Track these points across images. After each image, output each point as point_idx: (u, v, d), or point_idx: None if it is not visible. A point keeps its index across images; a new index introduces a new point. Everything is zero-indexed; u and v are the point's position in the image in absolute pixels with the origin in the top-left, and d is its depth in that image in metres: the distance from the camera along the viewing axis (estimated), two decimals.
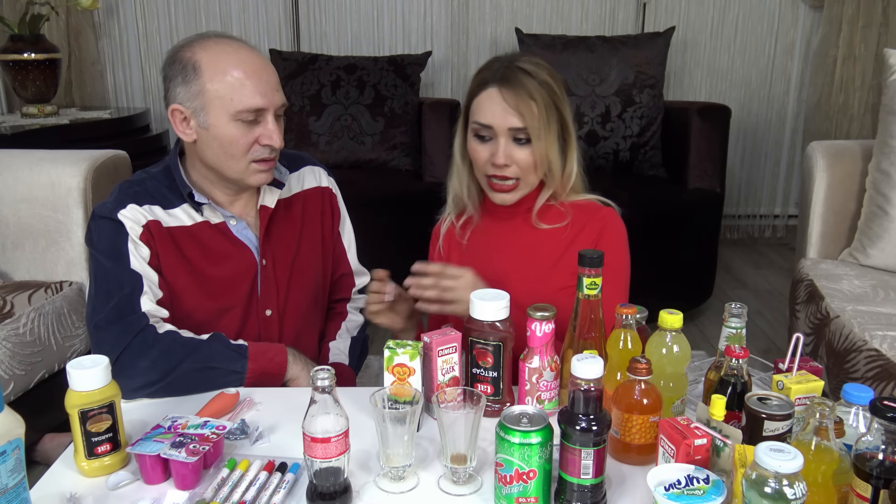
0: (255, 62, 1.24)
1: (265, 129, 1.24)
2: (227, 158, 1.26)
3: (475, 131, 1.33)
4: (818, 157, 2.20)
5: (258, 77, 1.23)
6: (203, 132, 1.25)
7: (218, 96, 1.22)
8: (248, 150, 1.25)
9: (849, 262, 2.10)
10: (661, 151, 3.20)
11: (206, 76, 1.22)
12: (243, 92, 1.21)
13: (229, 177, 1.29)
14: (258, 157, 1.26)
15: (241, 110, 1.22)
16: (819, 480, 0.85)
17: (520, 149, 1.30)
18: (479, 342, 1.11)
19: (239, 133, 1.23)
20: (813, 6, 3.80)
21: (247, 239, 1.35)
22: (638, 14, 3.78)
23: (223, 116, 1.22)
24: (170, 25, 3.72)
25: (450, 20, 3.76)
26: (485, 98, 1.30)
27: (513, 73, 1.28)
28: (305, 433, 0.91)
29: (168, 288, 1.28)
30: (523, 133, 1.28)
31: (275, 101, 1.25)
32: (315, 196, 1.46)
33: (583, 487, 0.91)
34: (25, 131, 2.71)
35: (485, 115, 1.30)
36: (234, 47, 1.25)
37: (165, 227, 1.29)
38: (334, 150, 3.14)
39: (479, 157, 1.33)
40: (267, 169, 1.29)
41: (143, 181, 1.32)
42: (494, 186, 1.33)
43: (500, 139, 1.29)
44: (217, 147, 1.25)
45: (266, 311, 1.37)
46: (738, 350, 1.02)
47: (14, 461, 0.80)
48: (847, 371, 1.67)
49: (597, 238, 1.36)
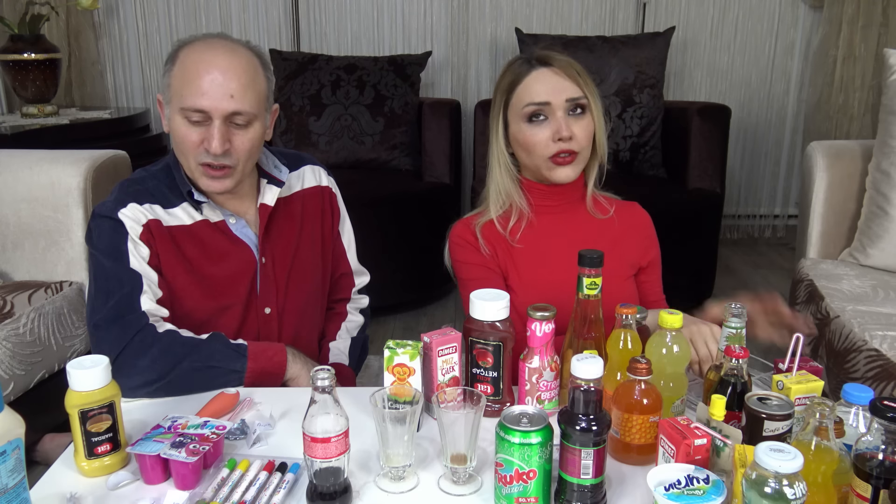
0: (221, 64, 1.20)
1: (208, 132, 1.22)
2: (181, 154, 1.27)
3: (528, 115, 1.32)
4: (818, 157, 2.20)
5: (212, 79, 1.19)
6: (168, 124, 1.27)
7: (175, 90, 1.23)
8: (195, 150, 1.23)
9: (849, 262, 2.10)
10: (661, 151, 3.20)
11: (176, 69, 1.23)
12: (190, 89, 1.20)
13: (190, 176, 1.29)
14: (202, 161, 1.24)
15: (185, 108, 1.21)
16: (819, 480, 0.85)
17: (576, 121, 1.32)
18: (479, 342, 1.11)
19: (185, 131, 1.22)
20: (813, 6, 3.80)
21: (246, 237, 1.35)
22: (638, 14, 3.78)
23: (176, 111, 1.23)
24: (170, 25, 3.72)
25: (450, 20, 3.76)
26: (533, 80, 1.33)
27: (551, 55, 1.33)
28: (305, 433, 0.91)
29: (168, 287, 1.28)
30: (580, 103, 1.31)
31: (221, 107, 1.20)
32: (315, 195, 1.46)
33: (583, 487, 0.91)
34: (25, 131, 2.72)
35: (539, 94, 1.31)
36: (214, 47, 1.23)
37: (165, 227, 1.29)
38: (334, 150, 3.14)
39: (537, 139, 1.31)
40: (212, 176, 1.25)
41: (144, 180, 1.32)
42: (560, 161, 1.32)
43: (558, 113, 1.31)
44: (174, 142, 1.27)
45: (265, 310, 1.37)
46: (738, 350, 1.02)
47: (14, 461, 0.80)
48: (847, 371, 1.67)
49: (644, 232, 1.44)
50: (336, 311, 1.55)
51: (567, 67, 1.32)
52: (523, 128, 1.33)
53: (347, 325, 1.53)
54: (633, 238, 1.41)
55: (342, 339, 1.50)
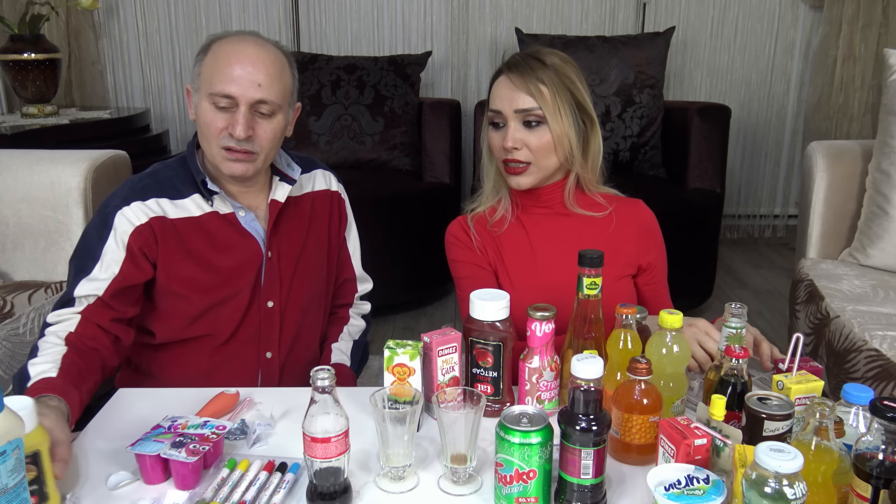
0: (251, 55, 1.26)
1: (234, 118, 1.26)
2: (204, 140, 1.30)
3: (490, 120, 1.36)
4: (818, 157, 2.20)
5: (241, 67, 1.25)
6: (195, 111, 1.31)
7: (204, 77, 1.27)
8: (219, 135, 1.27)
9: (849, 262, 2.10)
10: (661, 151, 3.20)
11: (208, 58, 1.28)
12: (220, 76, 1.25)
13: (211, 161, 1.32)
14: (225, 145, 1.28)
15: (214, 93, 1.25)
16: (819, 480, 0.85)
17: (530, 132, 1.31)
18: (479, 342, 1.11)
19: (212, 116, 1.27)
20: (813, 6, 3.80)
21: (254, 230, 1.36)
22: (638, 14, 3.78)
23: (204, 97, 1.27)
24: (170, 25, 3.72)
25: (450, 20, 3.76)
26: (496, 87, 1.35)
27: (521, 60, 1.33)
28: (305, 433, 0.91)
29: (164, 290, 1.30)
30: (532, 115, 1.31)
31: (248, 94, 1.25)
32: (324, 198, 1.48)
33: (583, 487, 0.91)
34: (25, 131, 2.71)
35: (494, 102, 1.34)
36: (245, 41, 1.29)
37: (170, 220, 1.30)
38: (334, 150, 3.14)
39: (494, 144, 1.36)
40: (237, 160, 1.29)
41: (156, 172, 1.36)
42: (508, 170, 1.35)
43: (510, 123, 1.32)
44: (199, 127, 1.31)
45: (268, 303, 1.38)
46: (738, 350, 1.02)
47: (14, 461, 0.80)
48: (847, 371, 1.67)
49: (645, 231, 1.41)
50: (339, 316, 1.56)
51: (525, 76, 1.30)
52: (488, 131, 1.37)
53: (349, 329, 1.54)
54: (630, 236, 1.39)
55: (344, 341, 1.51)
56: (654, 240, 1.43)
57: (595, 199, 1.41)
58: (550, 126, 1.31)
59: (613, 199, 1.42)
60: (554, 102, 1.30)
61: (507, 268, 1.39)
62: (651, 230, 1.43)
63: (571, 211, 1.39)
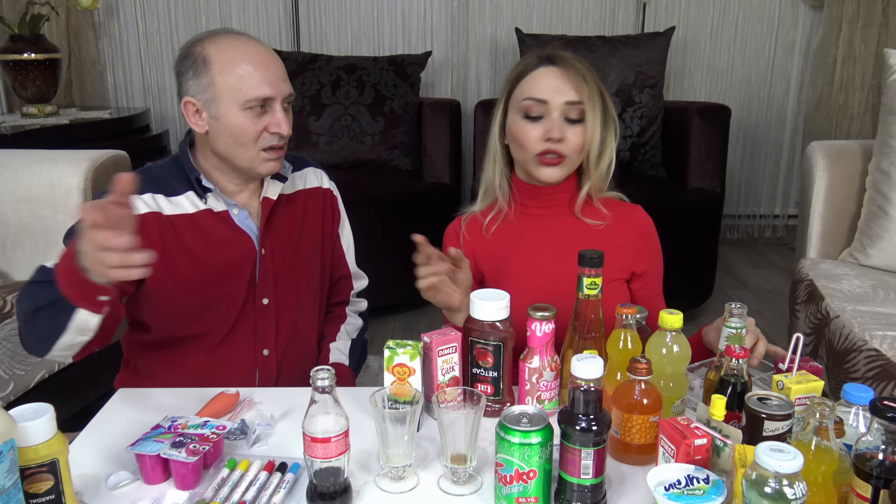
0: (262, 54, 1.29)
1: (273, 117, 1.29)
2: (237, 147, 1.30)
3: (525, 110, 1.32)
4: (818, 157, 2.20)
5: (265, 68, 1.27)
6: (214, 122, 1.29)
7: (227, 87, 1.26)
8: (258, 138, 1.29)
9: (849, 262, 2.10)
10: (661, 151, 3.20)
11: (216, 69, 1.27)
12: (251, 82, 1.26)
13: (240, 165, 1.32)
14: (267, 146, 1.30)
15: (250, 99, 1.26)
16: (819, 480, 0.85)
17: (571, 127, 1.31)
18: (479, 342, 1.11)
19: (248, 122, 1.27)
20: (813, 6, 3.80)
21: (248, 228, 1.37)
22: (638, 14, 3.78)
23: (233, 106, 1.27)
24: (170, 25, 3.72)
25: (450, 20, 3.76)
26: (537, 76, 1.33)
27: (563, 56, 1.33)
28: (305, 433, 0.91)
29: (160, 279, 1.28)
30: (577, 109, 1.30)
31: (282, 91, 1.29)
32: (316, 195, 1.48)
33: (583, 487, 0.91)
34: (25, 131, 2.71)
35: (539, 91, 1.31)
36: (242, 41, 1.30)
37: (166, 216, 1.31)
38: (334, 150, 3.14)
39: (529, 135, 1.32)
40: (276, 158, 1.32)
41: (149, 169, 1.36)
42: (545, 161, 1.32)
43: (554, 113, 1.30)
44: (228, 136, 1.29)
45: (263, 300, 1.38)
46: (738, 350, 1.02)
47: (9, 462, 0.80)
48: (847, 371, 1.67)
49: (642, 238, 1.40)
50: (335, 314, 1.56)
51: (574, 72, 1.31)
52: (518, 121, 1.34)
53: (347, 328, 1.54)
54: (626, 241, 1.38)
55: (342, 340, 1.51)
56: (650, 247, 1.42)
57: (596, 206, 1.40)
58: (587, 124, 1.31)
59: (614, 204, 1.42)
60: (592, 100, 1.31)
61: (503, 268, 1.38)
62: (648, 237, 1.42)
63: (570, 213, 1.39)
